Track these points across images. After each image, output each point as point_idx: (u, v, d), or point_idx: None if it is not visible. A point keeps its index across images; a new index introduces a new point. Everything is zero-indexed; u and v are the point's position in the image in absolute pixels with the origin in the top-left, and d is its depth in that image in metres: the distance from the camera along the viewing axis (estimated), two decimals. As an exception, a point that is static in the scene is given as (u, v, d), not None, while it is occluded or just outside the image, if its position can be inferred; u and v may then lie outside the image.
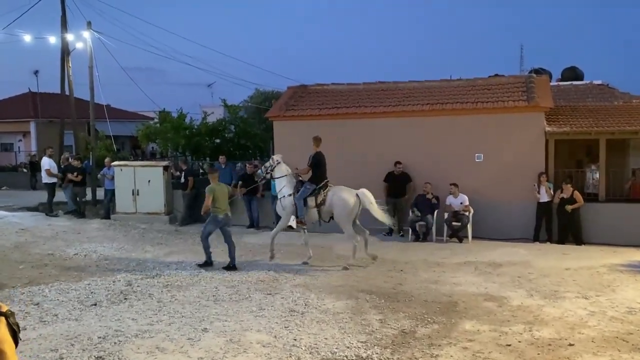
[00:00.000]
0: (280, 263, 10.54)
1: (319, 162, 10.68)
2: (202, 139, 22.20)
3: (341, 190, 10.55)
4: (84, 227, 14.45)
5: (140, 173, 15.97)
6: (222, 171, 15.72)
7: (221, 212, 10.20)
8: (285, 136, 14.94)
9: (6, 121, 32.78)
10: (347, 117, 14.38)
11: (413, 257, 11.03)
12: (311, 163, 10.71)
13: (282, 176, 10.87)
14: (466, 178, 13.25)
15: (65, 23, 20.82)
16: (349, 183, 13.91)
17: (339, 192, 10.45)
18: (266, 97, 31.04)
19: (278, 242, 12.48)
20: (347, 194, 10.42)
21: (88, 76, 19.35)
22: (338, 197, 10.38)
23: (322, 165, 10.70)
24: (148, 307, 7.49)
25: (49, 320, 6.94)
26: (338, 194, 10.41)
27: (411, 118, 13.95)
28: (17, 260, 10.53)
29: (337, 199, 10.37)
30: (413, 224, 13.10)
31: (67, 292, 8.30)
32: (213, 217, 10.23)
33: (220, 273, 9.58)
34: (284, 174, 10.85)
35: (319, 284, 8.84)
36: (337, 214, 10.40)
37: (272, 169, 11.09)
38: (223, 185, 10.66)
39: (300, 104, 15.26)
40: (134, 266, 10.25)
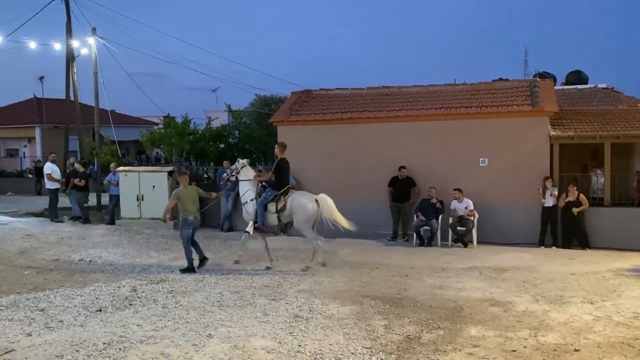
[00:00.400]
0: (284, 268, 10.52)
1: (281, 168, 10.72)
2: (207, 144, 22.24)
3: (301, 196, 10.65)
4: (88, 232, 14.48)
5: (145, 178, 16.00)
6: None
7: (191, 214, 10.29)
8: (290, 141, 14.87)
9: (11, 127, 32.93)
10: (351, 122, 14.39)
11: (418, 262, 11.01)
12: (274, 169, 10.77)
13: (246, 180, 10.93)
14: (471, 182, 13.23)
15: (70, 29, 20.96)
16: (353, 188, 13.98)
17: (298, 198, 10.52)
18: (266, 102, 31.07)
19: (282, 248, 12.53)
20: (306, 200, 10.49)
21: (93, 82, 19.48)
22: (297, 202, 10.44)
23: (284, 171, 10.77)
24: (153, 313, 7.49)
25: (54, 326, 6.94)
26: (298, 200, 10.48)
27: (415, 123, 13.95)
28: (23, 266, 10.56)
29: (297, 205, 10.43)
30: (417, 228, 13.09)
31: (72, 297, 8.30)
32: (183, 220, 10.34)
33: (225, 279, 9.57)
34: (249, 178, 10.92)
35: (323, 290, 8.83)
36: (297, 219, 10.48)
37: (238, 172, 11.10)
38: (192, 188, 10.69)
39: (304, 109, 15.29)
40: (139, 272, 10.26)
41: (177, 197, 10.32)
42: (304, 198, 10.54)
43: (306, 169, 14.55)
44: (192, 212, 10.32)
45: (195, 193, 10.57)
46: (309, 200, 10.49)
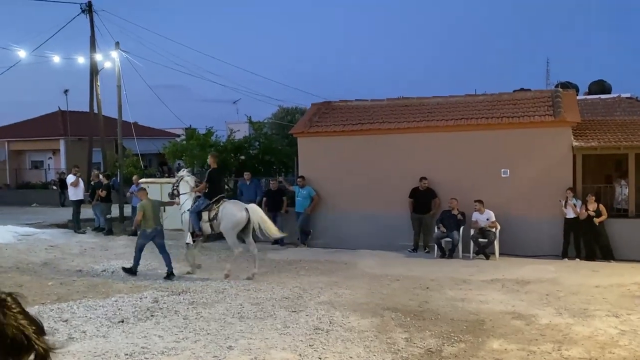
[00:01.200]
0: (304, 280, 10.52)
1: (213, 179, 11.30)
2: (228, 156, 22.38)
3: (231, 204, 11.14)
4: (111, 243, 14.65)
5: (167, 190, 16.10)
6: (247, 187, 15.84)
7: (149, 226, 10.80)
8: (310, 152, 15.02)
9: (37, 139, 33.53)
10: (371, 133, 14.40)
11: (439, 274, 10.93)
12: (206, 179, 11.36)
13: (185, 192, 11.43)
14: (492, 194, 13.12)
15: (94, 43, 21.34)
16: (373, 199, 13.97)
17: (228, 206, 11.01)
18: (287, 113, 31.24)
19: (302, 259, 12.55)
20: (235, 209, 10.97)
21: (116, 95, 19.80)
22: (226, 210, 10.93)
23: (216, 181, 11.40)
24: (174, 324, 7.54)
25: (77, 337, 7.02)
26: (227, 208, 10.96)
27: (436, 133, 13.91)
28: (47, 277, 10.71)
29: (225, 213, 10.91)
30: (439, 240, 13.00)
31: (95, 308, 8.39)
32: (142, 231, 10.89)
33: (245, 290, 9.60)
34: (187, 191, 11.42)
35: (343, 302, 8.81)
36: (222, 225, 10.91)
37: (178, 185, 11.62)
38: (153, 200, 11.29)
39: (324, 120, 15.34)
40: (160, 283, 10.34)
41: (142, 208, 10.86)
42: (233, 207, 11.05)
43: (326, 180, 14.60)
44: (150, 225, 10.83)
45: (157, 206, 11.19)
46: (238, 209, 10.97)
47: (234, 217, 10.85)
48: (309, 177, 14.71)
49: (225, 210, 10.92)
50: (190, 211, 11.20)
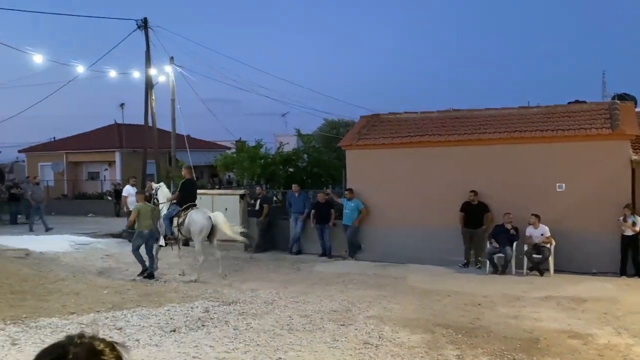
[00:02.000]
0: (353, 293, 10.46)
1: (184, 188, 12.50)
2: (277, 168, 22.61)
3: (196, 212, 12.10)
4: (164, 253, 14.92)
5: (218, 201, 16.42)
6: (295, 199, 15.94)
7: (145, 228, 11.81)
8: (358, 165, 15.00)
9: (93, 151, 34.72)
10: (420, 145, 14.27)
11: (491, 291, 10.68)
12: (179, 188, 12.67)
13: (163, 202, 12.54)
14: (546, 208, 12.75)
15: (149, 58, 21.94)
16: (423, 213, 13.80)
17: (192, 214, 12.01)
18: (335, 126, 31.33)
19: (350, 272, 12.51)
20: (199, 216, 11.97)
21: (170, 108, 20.31)
22: (191, 217, 11.93)
23: (187, 190, 12.49)
24: (225, 335, 7.62)
25: (130, 345, 7.17)
26: (192, 215, 11.96)
27: (487, 146, 13.67)
28: (102, 286, 11.00)
29: (191, 219, 11.91)
30: (491, 255, 12.72)
31: (148, 317, 8.56)
32: (139, 232, 11.95)
33: (294, 302, 9.62)
34: (164, 200, 12.54)
35: (393, 316, 8.71)
36: (191, 231, 11.93)
37: (156, 195, 12.72)
38: (148, 204, 12.24)
39: (372, 132, 15.30)
40: (211, 293, 10.47)
41: (138, 211, 11.90)
42: (198, 214, 12.04)
43: (374, 193, 14.53)
44: (146, 226, 11.86)
45: (150, 209, 12.11)
46: (203, 216, 11.99)
47: (197, 224, 11.86)
48: (357, 190, 14.68)
49: (190, 217, 11.94)
50: (163, 217, 12.28)
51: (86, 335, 1.39)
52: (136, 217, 11.93)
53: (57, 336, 7.41)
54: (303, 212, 15.67)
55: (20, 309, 8.86)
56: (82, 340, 1.37)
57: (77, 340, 1.37)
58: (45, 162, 35.17)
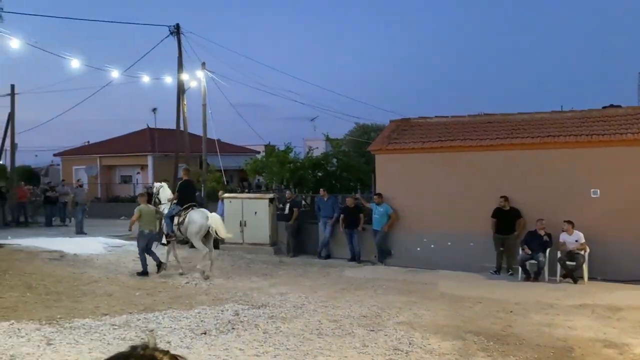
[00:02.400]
0: (383, 299, 10.41)
1: (183, 189, 13.13)
2: (306, 172, 22.67)
3: (195, 212, 12.56)
4: (194, 256, 15.09)
5: (248, 205, 16.54)
6: (324, 204, 15.94)
7: (146, 227, 12.35)
8: (388, 169, 14.93)
9: (126, 155, 35.34)
10: (451, 150, 14.14)
11: (523, 298, 10.50)
12: (177, 189, 13.34)
13: (165, 203, 13.11)
14: (580, 214, 12.49)
15: (181, 64, 22.22)
16: (454, 218, 13.65)
17: (192, 213, 12.49)
18: (365, 131, 31.30)
19: (380, 278, 12.46)
20: (197, 216, 12.44)
21: (201, 113, 20.54)
22: (190, 217, 12.42)
23: (186, 191, 13.08)
24: (254, 338, 7.65)
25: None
26: (191, 215, 12.46)
27: (520, 151, 13.46)
28: (134, 287, 11.17)
29: (189, 219, 12.39)
30: (523, 262, 12.51)
31: (179, 319, 8.65)
32: (140, 232, 12.43)
33: (323, 307, 9.61)
34: (166, 200, 13.13)
35: (423, 323, 8.64)
36: (189, 230, 12.38)
37: (158, 195, 13.34)
38: (150, 206, 12.82)
39: (402, 137, 15.22)
40: (241, 296, 10.53)
41: (140, 212, 12.45)
42: (196, 214, 12.49)
43: (404, 198, 14.44)
44: (147, 226, 12.37)
45: (153, 211, 12.66)
46: (201, 216, 12.43)
47: (195, 223, 12.34)
48: (387, 195, 14.61)
49: (189, 217, 12.44)
50: (165, 216, 12.85)
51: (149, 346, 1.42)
52: (138, 218, 12.47)
53: (91, 337, 7.56)
54: (332, 217, 15.66)
55: (55, 310, 9.05)
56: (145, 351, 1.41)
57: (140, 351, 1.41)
58: (79, 166, 35.91)
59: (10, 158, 26.13)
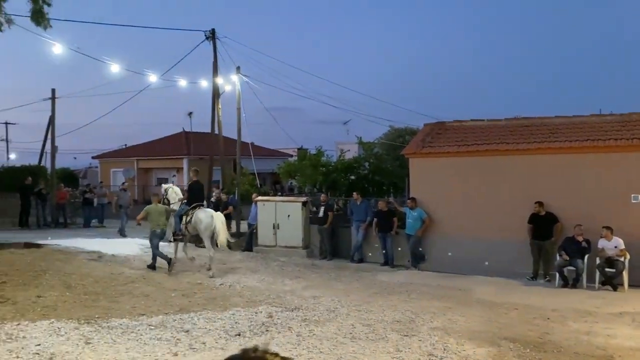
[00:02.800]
0: (416, 304, 10.33)
1: (192, 189, 13.77)
2: (339, 176, 22.69)
3: (201, 211, 13.17)
4: (228, 258, 15.25)
5: (281, 208, 16.62)
6: (357, 207, 15.91)
7: (156, 226, 13.03)
8: (422, 173, 14.82)
9: (163, 158, 35.95)
10: (487, 154, 13.95)
11: (561, 305, 10.29)
12: (187, 190, 14.08)
13: (174, 202, 13.58)
14: (620, 220, 12.19)
15: (216, 68, 22.49)
16: (489, 223, 13.47)
17: (198, 213, 13.09)
18: (399, 134, 31.14)
19: (413, 282, 12.38)
20: (203, 215, 13.04)
21: (235, 116, 20.75)
22: (198, 216, 13.01)
23: (194, 191, 13.71)
24: (288, 341, 7.68)
25: (197, 347, 7.35)
26: (198, 215, 13.04)
27: (558, 155, 13.22)
28: (170, 288, 11.31)
29: (196, 218, 12.99)
30: (561, 268, 12.26)
31: (214, 321, 8.74)
32: (152, 231, 13.13)
33: (356, 311, 9.59)
34: (175, 199, 13.60)
35: (458, 329, 8.54)
36: (199, 229, 13.01)
37: (166, 195, 13.75)
38: (160, 205, 13.42)
39: (437, 141, 15.09)
40: (274, 298, 10.58)
41: (147, 212, 13.17)
42: (202, 213, 13.09)
43: (438, 202, 14.32)
44: (158, 225, 13.03)
45: (163, 210, 13.28)
46: (206, 215, 13.03)
47: (202, 222, 12.92)
48: (421, 199, 14.50)
49: (196, 217, 13.02)
50: (174, 214, 13.33)
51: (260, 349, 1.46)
52: (146, 217, 13.16)
53: (128, 337, 7.69)
54: (365, 220, 15.62)
55: (93, 310, 9.24)
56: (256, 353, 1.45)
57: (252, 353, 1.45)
58: (117, 168, 36.66)
59: (51, 160, 26.80)
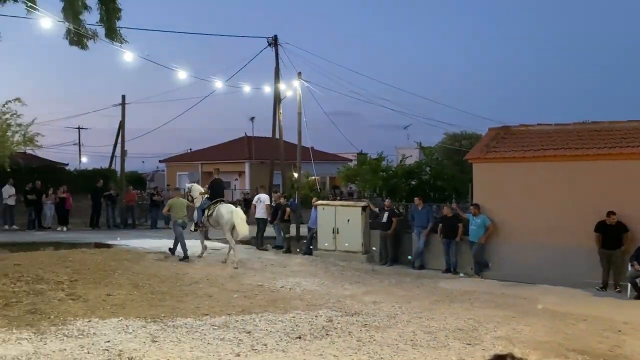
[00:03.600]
0: (479, 312, 10.10)
1: (214, 186, 15.32)
2: (399, 181, 22.51)
3: (222, 206, 14.44)
4: (288, 261, 15.41)
5: (341, 212, 16.64)
6: (419, 213, 15.71)
7: (179, 218, 14.60)
8: (486, 179, 14.50)
9: (225, 162, 36.77)
10: (555, 159, 13.51)
11: (633, 317, 9.82)
12: (209, 186, 15.44)
13: (197, 197, 15.04)
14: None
15: (278, 74, 22.85)
16: (556, 231, 13.02)
17: (220, 208, 14.35)
18: (457, 139, 30.60)
19: (476, 290, 12.13)
20: (224, 210, 14.25)
21: (296, 121, 20.96)
22: (219, 211, 14.24)
23: (216, 188, 15.29)
24: (348, 345, 7.67)
25: (259, 349, 7.45)
26: (220, 209, 14.28)
27: (630, 161, 12.65)
28: (232, 290, 11.52)
29: (218, 213, 14.22)
30: (633, 279, 11.71)
31: (275, 323, 8.83)
32: (174, 222, 14.68)
33: (417, 317, 9.47)
34: (197, 195, 15.06)
35: (522, 338, 8.30)
36: (220, 223, 14.28)
37: (190, 192, 15.29)
38: (181, 199, 15.13)
39: (502, 145, 14.73)
40: (334, 303, 10.59)
41: (170, 205, 14.99)
42: (223, 208, 14.33)
43: (503, 209, 13.95)
44: (180, 216, 14.62)
45: (185, 204, 14.88)
46: (227, 211, 14.22)
47: (223, 216, 14.11)
48: (484, 205, 14.19)
49: (219, 211, 14.25)
50: (197, 208, 14.89)
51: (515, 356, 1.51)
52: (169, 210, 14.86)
53: (192, 336, 7.88)
54: (426, 226, 15.41)
55: (160, 309, 9.53)
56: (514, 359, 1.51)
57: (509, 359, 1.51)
58: (182, 172, 37.79)
59: (121, 164, 27.90)
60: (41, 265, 12.44)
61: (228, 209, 14.36)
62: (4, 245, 15.94)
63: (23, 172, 19.62)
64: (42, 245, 16.42)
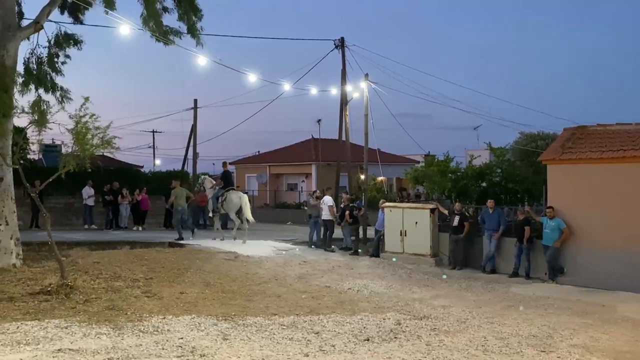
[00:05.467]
0: (554, 319, 9.74)
1: (223, 177, 18.33)
2: (469, 182, 22.03)
3: (233, 193, 17.55)
4: (355, 263, 15.41)
5: (408, 215, 16.46)
6: (489, 216, 15.30)
7: (180, 205, 18.37)
8: (561, 181, 13.96)
9: (292, 164, 37.20)
10: (634, 160, 12.83)
11: None
12: (222, 178, 18.38)
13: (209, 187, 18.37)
14: None
15: (344, 76, 22.86)
16: (636, 235, 12.35)
17: (230, 194, 17.42)
18: (533, 139, 29.54)
19: (550, 296, 11.72)
20: (234, 196, 17.42)
21: (363, 123, 20.91)
22: (229, 197, 17.32)
23: (227, 179, 18.31)
24: (417, 349, 7.57)
25: (327, 350, 7.47)
26: (230, 195, 17.36)
27: None
28: (300, 290, 11.64)
29: (229, 198, 17.28)
30: None
31: (342, 324, 8.85)
32: (176, 209, 18.47)
33: (489, 323, 9.24)
34: (210, 186, 18.35)
35: (601, 347, 7.94)
36: (226, 207, 17.41)
37: (203, 184, 19.03)
38: (181, 188, 18.85)
39: (578, 146, 14.13)
40: (402, 306, 10.50)
41: (175, 194, 18.49)
42: (234, 194, 17.48)
43: (579, 212, 13.39)
44: (181, 204, 18.36)
45: (184, 193, 18.59)
46: (236, 196, 17.41)
47: (232, 201, 17.26)
48: (559, 208, 13.67)
49: (229, 197, 17.32)
50: (212, 197, 17.93)
51: None
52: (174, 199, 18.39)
53: (262, 335, 8.01)
54: (497, 230, 15.01)
55: (230, 307, 9.74)
56: None
57: None
58: (251, 174, 38.49)
59: (193, 166, 28.76)
60: (118, 263, 13.01)
61: (237, 194, 17.61)
62: (84, 244, 16.74)
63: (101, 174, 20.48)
64: (119, 244, 17.15)
